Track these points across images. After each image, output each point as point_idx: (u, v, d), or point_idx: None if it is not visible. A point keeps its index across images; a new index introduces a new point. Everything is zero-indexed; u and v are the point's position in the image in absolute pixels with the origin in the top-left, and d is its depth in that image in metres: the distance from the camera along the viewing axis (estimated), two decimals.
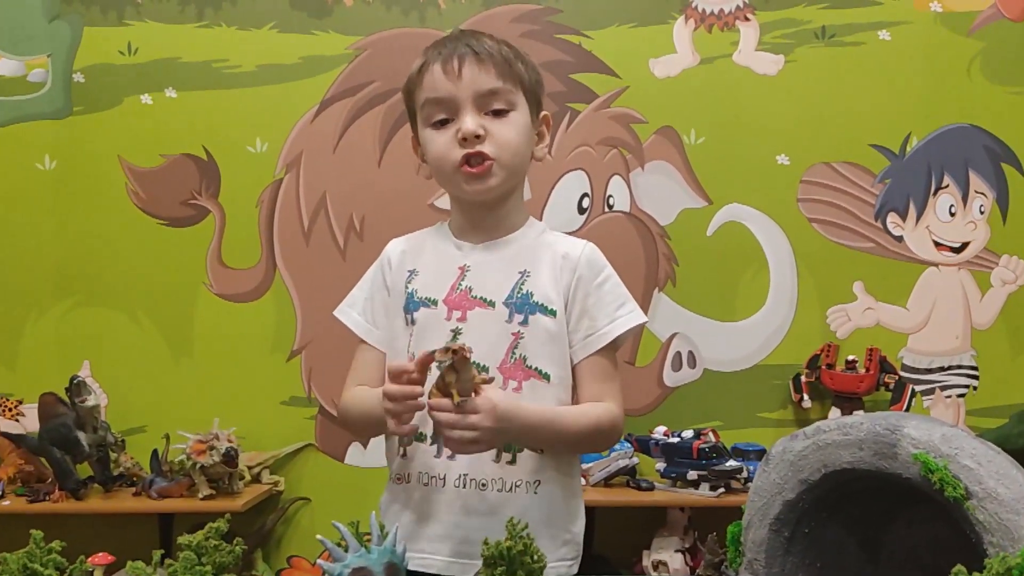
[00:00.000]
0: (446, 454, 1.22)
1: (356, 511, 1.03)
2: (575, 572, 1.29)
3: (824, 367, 2.51)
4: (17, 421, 2.53)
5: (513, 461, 1.25)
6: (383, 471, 1.35)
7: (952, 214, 2.58)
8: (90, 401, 2.29)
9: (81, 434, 2.27)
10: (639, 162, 2.58)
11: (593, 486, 2.33)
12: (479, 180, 1.26)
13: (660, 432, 2.39)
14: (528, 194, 1.41)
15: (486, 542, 0.85)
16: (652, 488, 2.32)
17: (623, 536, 2.38)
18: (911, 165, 2.58)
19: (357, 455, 2.55)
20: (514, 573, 0.84)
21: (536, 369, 1.26)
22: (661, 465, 2.34)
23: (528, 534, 0.86)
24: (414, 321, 1.30)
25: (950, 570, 0.75)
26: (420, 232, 1.40)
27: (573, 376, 1.29)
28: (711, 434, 2.38)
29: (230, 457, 2.27)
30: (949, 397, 2.57)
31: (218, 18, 2.58)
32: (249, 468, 2.43)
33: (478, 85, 1.25)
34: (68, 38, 2.57)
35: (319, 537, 0.83)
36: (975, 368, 2.57)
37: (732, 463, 2.25)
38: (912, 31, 2.57)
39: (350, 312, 1.38)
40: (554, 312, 1.28)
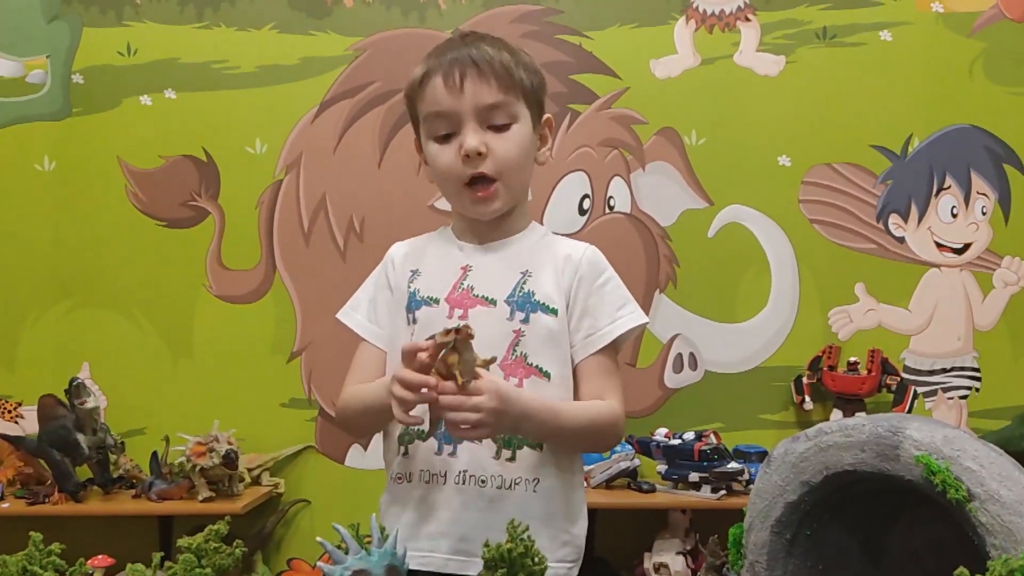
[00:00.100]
0: (447, 451, 1.22)
1: (356, 513, 1.02)
2: None
3: (826, 369, 2.51)
4: (16, 423, 2.53)
5: (513, 458, 1.25)
6: (383, 473, 1.34)
7: (954, 215, 2.58)
8: (89, 403, 2.28)
9: (80, 436, 2.26)
10: (640, 163, 2.58)
11: (594, 488, 2.32)
12: (484, 203, 1.29)
13: (661, 434, 2.38)
14: (529, 196, 1.41)
15: (487, 544, 0.84)
16: (653, 490, 2.32)
17: (624, 538, 2.38)
18: (913, 166, 2.58)
19: (357, 457, 2.55)
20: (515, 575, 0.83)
21: (536, 367, 1.26)
22: (662, 467, 2.34)
23: (529, 536, 0.85)
24: (416, 320, 1.31)
25: (952, 572, 0.74)
26: (423, 236, 1.42)
27: (574, 376, 1.29)
28: (712, 436, 2.37)
29: (230, 459, 2.26)
30: (951, 399, 2.56)
31: (217, 19, 2.58)
32: (249, 470, 2.42)
33: (480, 99, 1.26)
34: (67, 39, 2.57)
35: (319, 539, 0.83)
36: (977, 370, 2.57)
37: (733, 465, 2.25)
38: (913, 32, 2.57)
39: (352, 314, 1.38)
40: (555, 311, 1.28)
